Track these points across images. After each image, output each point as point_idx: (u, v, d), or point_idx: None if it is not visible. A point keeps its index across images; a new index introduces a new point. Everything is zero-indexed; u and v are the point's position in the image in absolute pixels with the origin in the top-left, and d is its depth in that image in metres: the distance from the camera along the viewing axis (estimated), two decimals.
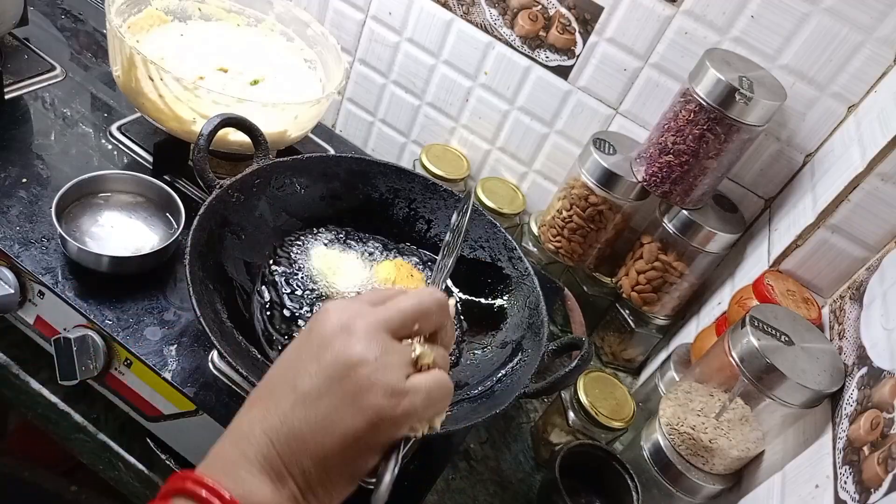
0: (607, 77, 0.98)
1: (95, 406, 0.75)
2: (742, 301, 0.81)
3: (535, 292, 0.79)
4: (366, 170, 0.86)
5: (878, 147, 0.73)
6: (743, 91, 0.79)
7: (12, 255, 0.72)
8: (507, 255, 0.84)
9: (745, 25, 0.86)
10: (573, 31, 0.98)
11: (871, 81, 0.82)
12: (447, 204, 0.87)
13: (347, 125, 1.25)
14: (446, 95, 1.12)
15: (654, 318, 1.01)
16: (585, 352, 0.67)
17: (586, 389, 0.86)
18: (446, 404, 0.46)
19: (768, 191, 0.94)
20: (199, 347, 0.72)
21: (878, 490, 0.54)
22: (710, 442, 0.74)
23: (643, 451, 0.80)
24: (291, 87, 0.96)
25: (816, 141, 0.88)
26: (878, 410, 0.59)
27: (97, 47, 1.06)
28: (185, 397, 0.68)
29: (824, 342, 0.72)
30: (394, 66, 1.14)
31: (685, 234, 0.92)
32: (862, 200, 0.74)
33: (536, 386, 0.68)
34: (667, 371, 0.90)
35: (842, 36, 0.81)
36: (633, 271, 0.99)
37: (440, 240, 0.88)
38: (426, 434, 0.46)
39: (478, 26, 1.04)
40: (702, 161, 0.85)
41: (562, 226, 1.01)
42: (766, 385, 0.69)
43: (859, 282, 0.75)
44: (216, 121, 0.71)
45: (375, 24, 1.12)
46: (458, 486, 0.84)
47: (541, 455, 0.90)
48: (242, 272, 0.75)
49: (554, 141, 1.07)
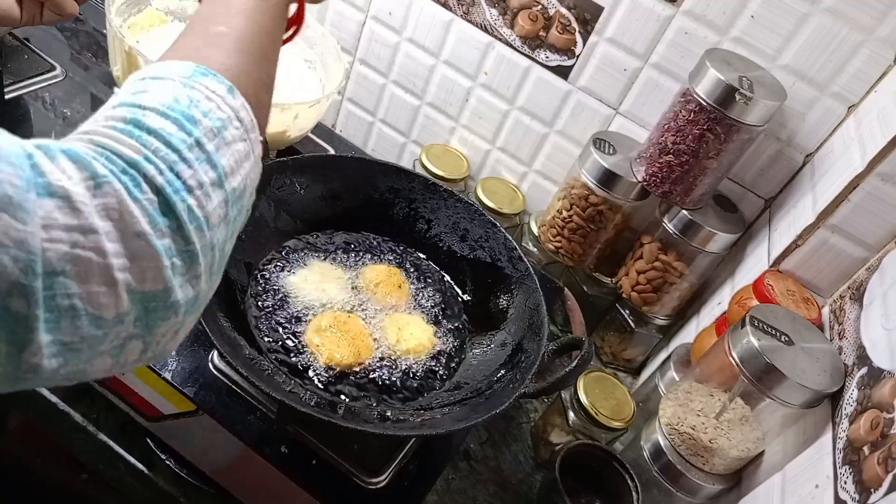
0: (607, 77, 0.98)
1: (95, 406, 0.75)
2: (742, 301, 0.81)
3: (535, 292, 0.79)
4: (366, 170, 0.86)
5: (878, 147, 0.73)
6: (743, 91, 0.79)
7: None
8: (507, 255, 0.84)
9: (745, 25, 0.86)
10: (573, 31, 0.98)
11: (871, 81, 0.82)
12: (447, 204, 0.87)
13: (347, 125, 1.25)
14: (446, 95, 1.12)
15: (654, 318, 1.01)
16: (585, 352, 0.67)
17: (586, 389, 0.86)
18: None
19: (768, 191, 0.94)
20: (199, 347, 0.72)
21: (878, 490, 0.54)
22: (710, 442, 0.74)
23: (643, 451, 0.80)
24: (291, 88, 0.96)
25: (816, 141, 0.88)
26: (878, 410, 0.59)
27: (97, 47, 1.06)
28: (185, 397, 0.68)
29: (824, 342, 0.72)
30: (394, 66, 1.14)
31: (685, 234, 0.92)
32: (862, 200, 0.74)
33: (536, 386, 0.68)
34: (667, 371, 0.90)
35: (842, 36, 0.81)
36: (633, 271, 0.99)
37: (440, 240, 0.88)
38: None
39: (478, 26, 1.04)
40: (702, 161, 0.85)
41: (562, 226, 1.01)
42: (766, 385, 0.69)
43: (859, 282, 0.75)
44: None
45: (375, 24, 1.12)
46: (458, 486, 0.84)
47: (541, 455, 0.90)
48: (242, 272, 0.75)
49: (554, 141, 1.07)
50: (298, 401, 0.63)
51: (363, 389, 0.71)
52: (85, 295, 0.34)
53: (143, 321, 0.37)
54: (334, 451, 0.69)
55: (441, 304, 0.82)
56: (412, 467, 0.72)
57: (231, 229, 0.43)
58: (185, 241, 0.38)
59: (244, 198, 0.44)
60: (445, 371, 0.76)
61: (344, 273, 0.81)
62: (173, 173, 0.38)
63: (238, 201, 0.43)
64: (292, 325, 0.73)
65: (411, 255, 0.87)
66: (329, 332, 0.73)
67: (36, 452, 0.93)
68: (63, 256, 0.33)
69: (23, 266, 0.31)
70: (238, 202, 0.43)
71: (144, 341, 0.38)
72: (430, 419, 0.69)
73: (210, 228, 0.40)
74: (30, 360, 0.33)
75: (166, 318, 0.39)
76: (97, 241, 0.34)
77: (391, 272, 0.82)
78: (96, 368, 0.37)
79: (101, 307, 0.35)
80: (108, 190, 0.35)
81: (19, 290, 0.31)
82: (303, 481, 0.67)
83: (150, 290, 0.37)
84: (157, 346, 0.40)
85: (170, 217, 0.37)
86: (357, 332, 0.74)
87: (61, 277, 0.33)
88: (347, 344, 0.72)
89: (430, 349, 0.77)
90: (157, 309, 0.38)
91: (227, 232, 0.42)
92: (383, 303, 0.79)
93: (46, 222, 0.32)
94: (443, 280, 0.86)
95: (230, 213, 0.42)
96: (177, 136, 0.39)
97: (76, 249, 0.33)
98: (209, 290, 0.42)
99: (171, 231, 0.37)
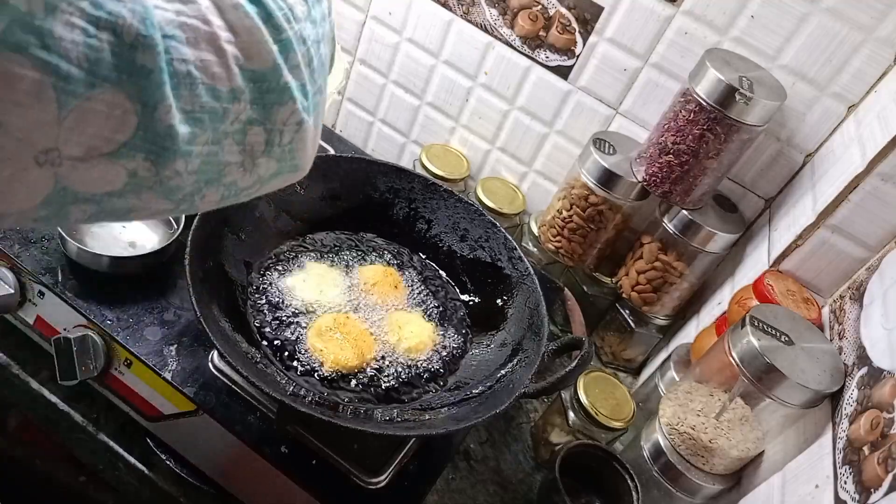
0: (607, 77, 0.98)
1: (95, 406, 0.75)
2: (742, 301, 0.81)
3: (535, 292, 0.79)
4: (366, 170, 0.86)
5: (878, 147, 0.73)
6: (743, 91, 0.79)
7: (12, 255, 0.72)
8: (507, 255, 0.84)
9: (745, 25, 0.86)
10: (573, 31, 0.98)
11: (871, 81, 0.82)
12: (447, 204, 0.87)
13: (347, 125, 1.25)
14: (446, 95, 1.12)
15: (654, 318, 1.01)
16: (585, 352, 0.67)
17: (586, 389, 0.86)
18: None
19: (768, 191, 0.94)
20: (199, 347, 0.72)
21: (878, 490, 0.54)
22: (710, 442, 0.74)
23: (643, 451, 0.80)
24: None
25: (816, 141, 0.88)
26: (878, 410, 0.59)
27: None
28: (185, 397, 0.68)
29: (824, 342, 0.72)
30: (394, 66, 1.14)
31: (685, 234, 0.92)
32: (862, 200, 0.74)
33: (536, 386, 0.68)
34: (667, 371, 0.90)
35: (842, 36, 0.81)
36: (633, 271, 0.99)
37: (440, 240, 0.88)
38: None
39: (478, 26, 1.04)
40: (702, 161, 0.85)
41: (562, 226, 1.01)
42: (766, 385, 0.69)
43: (859, 282, 0.75)
44: None
45: (375, 24, 1.12)
46: (458, 486, 0.84)
47: (541, 455, 0.90)
48: (242, 272, 0.75)
49: (554, 141, 1.07)
50: (298, 401, 0.63)
51: (364, 389, 0.71)
52: (199, 62, 0.35)
53: (260, 104, 0.38)
54: (334, 451, 0.69)
55: (441, 305, 0.83)
56: (412, 467, 0.72)
57: (319, 32, 0.43)
58: (277, 30, 0.39)
59: (321, 3, 0.44)
60: (445, 371, 0.76)
61: (344, 273, 0.81)
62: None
63: (317, 4, 0.43)
64: (293, 325, 0.73)
65: (411, 256, 0.87)
66: (331, 335, 0.73)
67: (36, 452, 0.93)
68: (171, 21, 0.34)
69: (140, 18, 0.32)
70: (317, 5, 0.43)
71: (265, 129, 0.39)
72: (430, 419, 0.69)
73: (297, 21, 0.40)
74: (165, 118, 0.34)
75: (282, 101, 0.39)
76: (199, 11, 0.35)
77: (387, 272, 0.82)
78: (227, 154, 0.38)
79: (214, 77, 0.36)
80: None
81: (143, 43, 0.32)
82: (303, 481, 0.67)
83: (259, 69, 0.38)
84: (281, 139, 0.41)
85: (258, 6, 0.38)
86: (358, 333, 0.74)
87: (174, 42, 0.34)
88: (350, 346, 0.72)
89: (430, 346, 0.77)
90: (269, 91, 0.38)
91: (314, 32, 0.43)
92: (382, 302, 0.79)
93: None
94: (443, 280, 0.87)
95: (313, 13, 0.43)
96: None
97: (181, 17, 0.34)
98: (319, 89, 0.43)
99: (262, 19, 0.38)
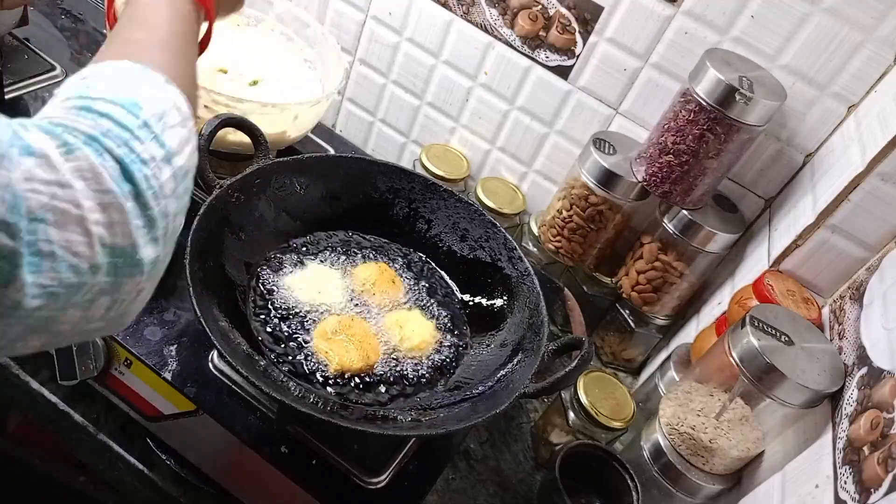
0: (607, 77, 0.98)
1: (95, 406, 0.75)
2: (742, 301, 0.81)
3: (535, 292, 0.79)
4: (366, 170, 0.86)
5: (878, 147, 0.73)
6: (743, 91, 0.79)
7: None
8: (507, 255, 0.84)
9: (745, 25, 0.86)
10: (573, 31, 0.98)
11: (871, 81, 0.82)
12: (447, 204, 0.87)
13: (347, 125, 1.25)
14: (446, 95, 1.12)
15: (654, 318, 1.01)
16: (585, 352, 0.67)
17: (586, 389, 0.86)
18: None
19: (768, 191, 0.94)
20: (199, 347, 0.72)
21: (878, 490, 0.54)
22: (710, 442, 0.74)
23: (643, 451, 0.80)
24: (291, 88, 0.96)
25: (816, 141, 0.88)
26: (878, 410, 0.59)
27: (97, 47, 1.05)
28: (185, 397, 0.68)
29: (824, 342, 0.72)
30: (394, 66, 1.14)
31: (685, 234, 0.92)
32: (862, 200, 0.74)
33: (536, 386, 0.68)
34: (667, 371, 0.90)
35: (842, 36, 0.81)
36: (633, 271, 0.99)
37: (440, 240, 0.88)
38: None
39: (478, 26, 1.04)
40: (702, 161, 0.85)
41: (562, 226, 1.01)
42: (766, 385, 0.69)
43: (859, 282, 0.75)
44: (216, 121, 0.71)
45: (375, 24, 1.12)
46: (458, 486, 0.84)
47: (541, 455, 0.90)
48: (242, 272, 0.75)
49: (554, 141, 1.07)
50: (298, 401, 0.63)
51: (364, 389, 0.71)
52: (64, 242, 0.38)
53: (113, 276, 0.41)
54: (334, 451, 0.69)
55: (441, 305, 0.82)
56: (412, 467, 0.72)
57: (180, 205, 0.47)
58: (144, 207, 0.42)
59: (188, 178, 0.48)
60: (446, 371, 0.76)
61: (343, 273, 0.81)
62: (128, 147, 0.42)
63: (184, 180, 0.47)
64: (294, 326, 0.73)
65: (411, 256, 0.87)
66: (336, 338, 0.73)
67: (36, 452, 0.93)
68: (43, 206, 0.36)
69: (9, 206, 0.35)
70: (184, 181, 0.47)
71: (112, 298, 0.42)
72: (430, 419, 0.69)
73: (164, 197, 0.44)
74: (13, 295, 0.36)
75: (132, 275, 0.43)
76: (73, 196, 0.38)
77: (382, 269, 0.82)
78: (66, 320, 0.41)
79: (78, 255, 0.38)
80: (79, 155, 0.39)
81: (5, 228, 0.34)
82: (303, 481, 0.67)
83: (120, 246, 0.41)
84: (121, 305, 0.44)
85: (130, 184, 0.42)
86: (363, 334, 0.74)
87: (42, 224, 0.36)
88: (356, 348, 0.72)
89: (433, 344, 0.77)
90: (124, 266, 0.42)
91: (176, 205, 0.46)
92: (381, 300, 0.79)
93: (28, 175, 0.36)
94: (443, 280, 0.86)
95: (178, 189, 0.46)
96: (126, 118, 0.43)
97: (55, 201, 0.37)
98: (165, 256, 0.47)
99: (133, 196, 0.42)
